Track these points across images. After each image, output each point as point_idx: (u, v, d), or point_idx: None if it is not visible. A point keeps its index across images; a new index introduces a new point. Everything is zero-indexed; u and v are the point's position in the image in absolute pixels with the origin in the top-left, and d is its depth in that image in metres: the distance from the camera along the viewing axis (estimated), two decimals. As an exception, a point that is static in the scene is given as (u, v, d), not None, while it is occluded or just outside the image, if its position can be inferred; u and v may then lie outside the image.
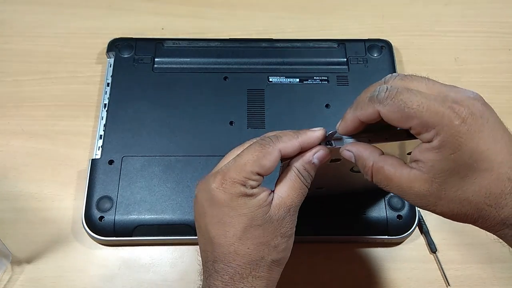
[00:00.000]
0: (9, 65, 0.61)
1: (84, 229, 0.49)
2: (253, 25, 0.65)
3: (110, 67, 0.58)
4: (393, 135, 0.34)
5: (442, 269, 0.49)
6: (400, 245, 0.51)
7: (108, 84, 0.57)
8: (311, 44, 0.60)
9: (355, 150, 0.34)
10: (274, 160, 0.34)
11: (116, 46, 0.59)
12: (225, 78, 0.57)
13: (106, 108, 0.55)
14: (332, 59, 0.59)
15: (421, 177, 0.30)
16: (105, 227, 0.49)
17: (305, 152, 0.35)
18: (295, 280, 0.49)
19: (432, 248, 0.50)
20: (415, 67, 0.62)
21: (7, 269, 0.49)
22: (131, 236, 0.49)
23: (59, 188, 0.53)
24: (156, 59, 0.58)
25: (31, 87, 0.59)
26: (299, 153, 0.35)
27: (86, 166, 0.53)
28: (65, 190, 0.53)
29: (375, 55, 0.59)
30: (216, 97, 0.56)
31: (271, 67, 0.58)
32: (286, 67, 0.58)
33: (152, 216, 0.49)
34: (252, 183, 0.33)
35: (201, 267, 0.37)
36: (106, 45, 0.60)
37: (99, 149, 0.53)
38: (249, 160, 0.33)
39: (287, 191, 0.35)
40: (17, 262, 0.49)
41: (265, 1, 0.68)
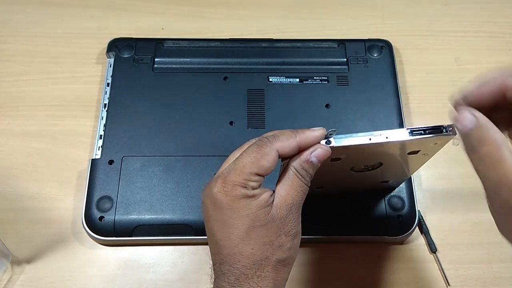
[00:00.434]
0: (9, 65, 0.61)
1: (84, 229, 0.49)
2: (253, 25, 0.65)
3: (110, 67, 0.58)
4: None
5: (442, 269, 0.49)
6: (400, 245, 0.51)
7: (108, 84, 0.57)
8: (311, 44, 0.60)
9: (481, 117, 0.29)
10: (272, 160, 0.34)
11: (116, 46, 0.59)
12: (225, 78, 0.57)
13: (106, 108, 0.55)
14: (332, 59, 0.59)
15: None
16: (105, 227, 0.49)
17: (303, 151, 0.35)
18: (295, 280, 0.49)
19: (432, 248, 0.50)
20: (415, 67, 0.62)
21: (7, 269, 0.49)
22: (131, 236, 0.49)
23: (59, 188, 0.53)
24: (156, 59, 0.58)
25: (31, 87, 0.59)
26: (299, 152, 0.35)
27: (86, 166, 0.53)
28: (65, 190, 0.53)
29: (375, 55, 0.59)
30: (216, 97, 0.56)
31: (271, 67, 0.58)
32: (286, 67, 0.58)
33: (152, 216, 0.49)
34: (252, 184, 0.34)
35: (211, 270, 0.37)
36: (106, 45, 0.60)
37: (99, 149, 0.53)
38: (248, 162, 0.34)
39: (286, 190, 0.35)
40: (17, 262, 0.49)
41: (265, 1, 0.68)
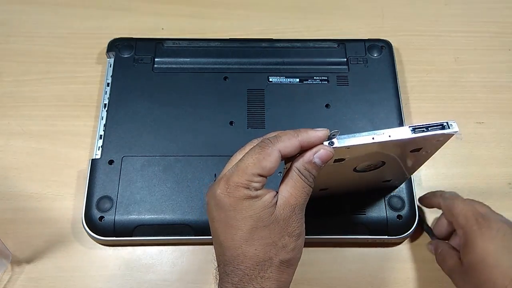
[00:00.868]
0: (9, 65, 0.61)
1: (84, 229, 0.49)
2: (253, 25, 0.65)
3: (110, 67, 0.58)
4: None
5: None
6: (400, 245, 0.51)
7: (108, 84, 0.57)
8: (311, 44, 0.60)
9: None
10: (274, 160, 0.34)
11: (116, 46, 0.59)
12: (225, 78, 0.57)
13: (106, 108, 0.55)
14: (332, 59, 0.59)
15: None
16: (105, 227, 0.49)
17: (306, 152, 0.35)
18: (295, 280, 0.49)
19: (432, 248, 0.50)
20: (415, 67, 0.62)
21: (7, 269, 0.49)
22: (131, 236, 0.49)
23: (59, 188, 0.53)
24: (156, 59, 0.58)
25: (31, 87, 0.59)
26: (301, 153, 0.35)
27: (86, 166, 0.53)
28: (65, 190, 0.53)
29: (375, 55, 0.59)
30: (216, 97, 0.56)
31: (271, 67, 0.58)
32: (286, 67, 0.58)
33: (152, 216, 0.49)
34: (255, 185, 0.34)
35: (216, 271, 0.37)
36: (106, 45, 0.60)
37: (99, 149, 0.53)
38: (250, 163, 0.34)
39: (289, 190, 0.35)
40: (17, 262, 0.49)
41: (265, 1, 0.68)
